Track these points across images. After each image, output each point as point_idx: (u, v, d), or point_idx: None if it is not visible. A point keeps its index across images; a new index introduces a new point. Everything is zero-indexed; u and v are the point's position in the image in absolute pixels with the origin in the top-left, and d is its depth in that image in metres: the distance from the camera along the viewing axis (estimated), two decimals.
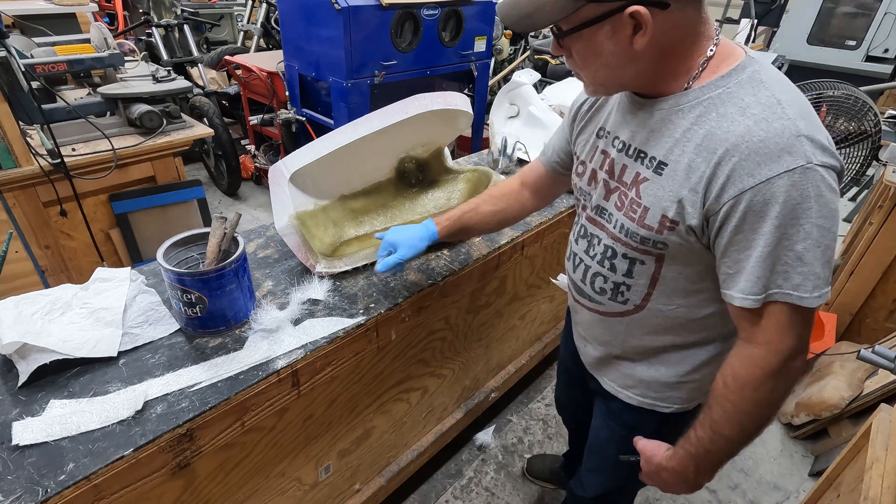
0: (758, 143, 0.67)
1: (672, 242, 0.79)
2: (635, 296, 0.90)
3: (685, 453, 0.85)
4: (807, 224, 0.67)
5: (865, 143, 1.94)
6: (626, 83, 0.79)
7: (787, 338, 0.72)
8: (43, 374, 0.88)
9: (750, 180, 0.68)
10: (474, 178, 1.47)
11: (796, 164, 0.66)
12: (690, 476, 0.86)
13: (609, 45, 0.71)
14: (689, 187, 0.74)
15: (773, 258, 0.69)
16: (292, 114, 3.10)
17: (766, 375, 0.74)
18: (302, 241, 1.17)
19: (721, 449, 0.81)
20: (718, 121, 0.71)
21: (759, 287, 0.71)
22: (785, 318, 0.72)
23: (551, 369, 2.32)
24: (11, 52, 1.59)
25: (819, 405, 1.94)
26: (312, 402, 1.11)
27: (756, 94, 0.70)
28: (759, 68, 0.73)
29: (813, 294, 0.70)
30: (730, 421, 0.78)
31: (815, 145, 0.67)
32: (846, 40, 5.42)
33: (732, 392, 0.77)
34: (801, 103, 0.71)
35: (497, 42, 4.51)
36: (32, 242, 1.82)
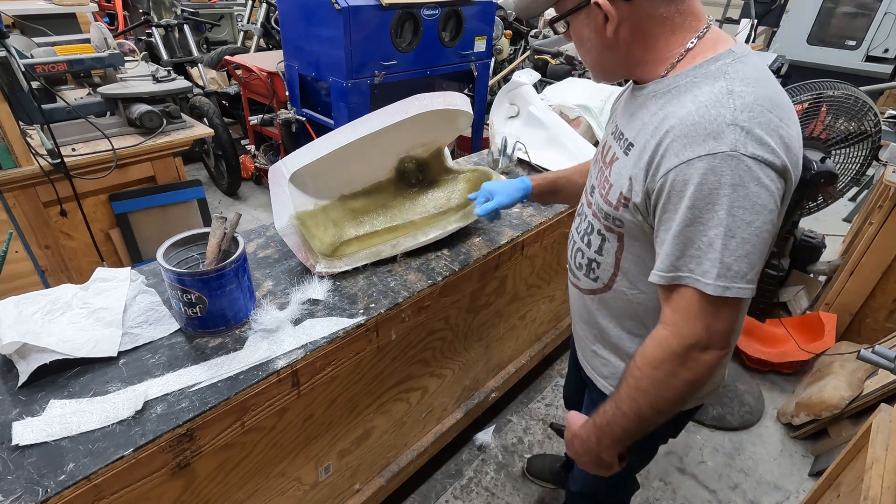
0: (689, 125, 0.70)
1: (626, 220, 0.83)
2: (604, 274, 0.94)
3: (592, 423, 0.88)
4: (720, 211, 0.67)
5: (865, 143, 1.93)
6: (609, 69, 0.85)
7: (693, 324, 0.72)
8: (43, 374, 0.88)
9: (675, 160, 0.70)
10: (474, 178, 1.47)
11: (718, 150, 0.67)
12: (593, 446, 0.88)
13: (587, 33, 0.80)
14: (639, 166, 0.77)
15: (686, 239, 0.71)
16: (292, 114, 3.10)
17: (666, 357, 0.75)
18: (302, 241, 1.17)
19: (619, 424, 0.82)
20: (676, 107, 0.74)
21: (668, 265, 0.73)
22: (692, 303, 0.72)
23: (551, 369, 2.32)
24: (11, 52, 1.59)
25: (819, 405, 1.94)
26: (312, 402, 1.11)
27: (714, 84, 0.72)
28: (731, 61, 0.73)
29: (716, 282, 0.69)
30: (629, 397, 0.80)
31: (750, 137, 0.67)
32: (846, 40, 5.42)
33: (637, 368, 0.79)
34: (761, 97, 0.70)
35: (497, 42, 4.51)
36: (32, 242, 1.82)
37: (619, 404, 0.82)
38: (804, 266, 2.50)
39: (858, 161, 1.99)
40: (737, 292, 0.70)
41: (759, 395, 2.20)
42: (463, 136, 3.67)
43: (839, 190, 2.08)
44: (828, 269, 2.43)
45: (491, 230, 1.46)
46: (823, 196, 2.09)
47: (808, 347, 2.23)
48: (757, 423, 2.11)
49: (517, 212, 1.58)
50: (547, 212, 1.59)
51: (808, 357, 2.23)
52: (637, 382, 0.79)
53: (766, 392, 2.25)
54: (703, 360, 0.74)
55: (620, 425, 0.83)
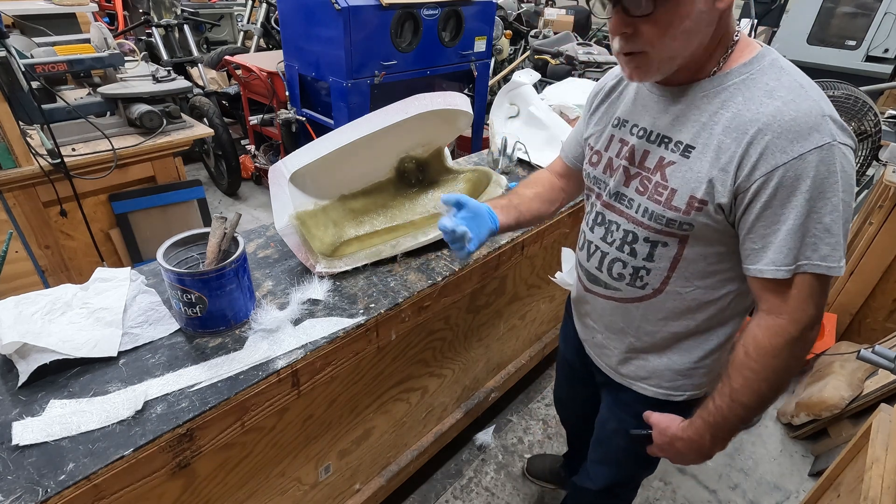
0: (789, 121, 0.72)
1: (698, 223, 0.82)
2: (654, 279, 0.93)
3: (703, 422, 0.88)
4: (833, 197, 0.72)
5: (865, 143, 1.94)
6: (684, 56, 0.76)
7: (809, 307, 0.77)
8: (43, 374, 0.88)
9: (783, 156, 0.72)
10: (474, 178, 1.47)
11: (824, 141, 0.71)
12: (706, 444, 0.89)
13: (700, 5, 0.71)
14: (719, 167, 0.78)
15: (804, 230, 0.74)
16: (292, 114, 3.10)
17: (786, 343, 0.78)
18: (302, 241, 1.17)
19: (738, 416, 0.84)
20: (745, 104, 0.76)
21: (791, 258, 0.75)
22: (810, 288, 0.76)
23: (551, 369, 2.32)
24: (11, 52, 1.59)
25: (819, 405, 1.93)
26: (312, 402, 1.11)
27: (779, 78, 0.76)
28: (777, 57, 0.78)
29: (840, 263, 0.74)
30: (749, 388, 0.82)
31: (837, 125, 0.72)
32: (846, 40, 5.42)
33: (754, 360, 0.80)
34: (818, 88, 0.77)
35: (497, 42, 4.51)
36: (32, 242, 1.82)
37: (737, 397, 0.83)
38: None
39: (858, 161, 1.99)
40: (843, 266, 0.75)
41: None
42: (463, 136, 3.67)
43: None
44: None
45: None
46: None
47: None
48: (757, 423, 2.11)
49: None
50: None
51: (808, 357, 2.23)
52: (757, 374, 0.80)
53: None
54: (811, 336, 0.79)
55: (740, 416, 0.84)
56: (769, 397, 0.83)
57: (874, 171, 3.02)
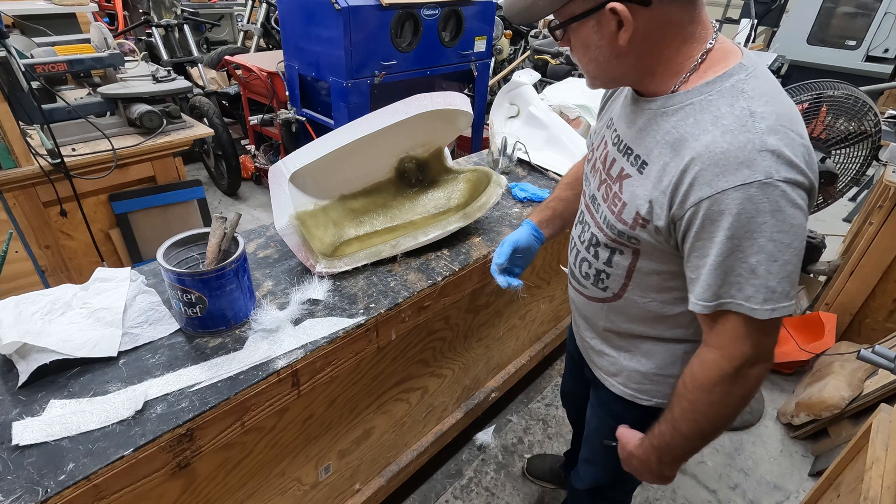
0: (719, 154, 0.68)
1: (643, 239, 0.82)
2: (614, 284, 0.93)
3: (649, 444, 0.89)
4: (761, 238, 0.67)
5: (865, 143, 1.93)
6: (616, 78, 0.81)
7: (741, 345, 0.74)
8: (43, 374, 0.88)
9: (707, 189, 0.69)
10: (474, 178, 1.47)
11: (754, 179, 0.66)
12: (654, 467, 0.89)
13: (595, 40, 0.74)
14: (660, 189, 0.76)
15: (726, 268, 0.71)
16: (292, 114, 3.10)
17: (720, 378, 0.76)
18: (302, 241, 1.17)
19: (679, 445, 0.84)
20: (693, 127, 0.72)
21: (710, 294, 0.73)
22: (738, 326, 0.73)
23: (551, 369, 2.32)
24: (11, 52, 1.59)
25: (819, 405, 1.93)
26: (312, 402, 1.11)
27: (733, 104, 0.70)
28: (745, 77, 0.72)
29: (763, 307, 0.70)
30: (686, 419, 0.81)
31: (781, 161, 0.66)
32: (846, 40, 5.42)
33: (690, 392, 0.80)
34: (781, 116, 0.69)
35: (497, 42, 4.51)
36: (32, 242, 1.82)
37: (677, 426, 0.82)
38: (804, 266, 2.50)
39: (858, 161, 1.98)
40: (782, 311, 0.71)
41: (759, 395, 2.20)
42: (463, 136, 3.67)
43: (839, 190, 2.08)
44: (828, 269, 2.43)
45: (491, 230, 1.46)
46: (823, 196, 2.09)
47: (808, 347, 2.23)
48: (757, 423, 2.11)
49: (517, 212, 1.58)
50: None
51: (808, 357, 2.23)
52: (693, 405, 0.80)
53: (766, 392, 2.25)
54: (753, 374, 0.76)
55: (680, 446, 0.84)
56: (707, 431, 0.81)
57: (874, 171, 3.03)
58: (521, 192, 1.65)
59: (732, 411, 0.79)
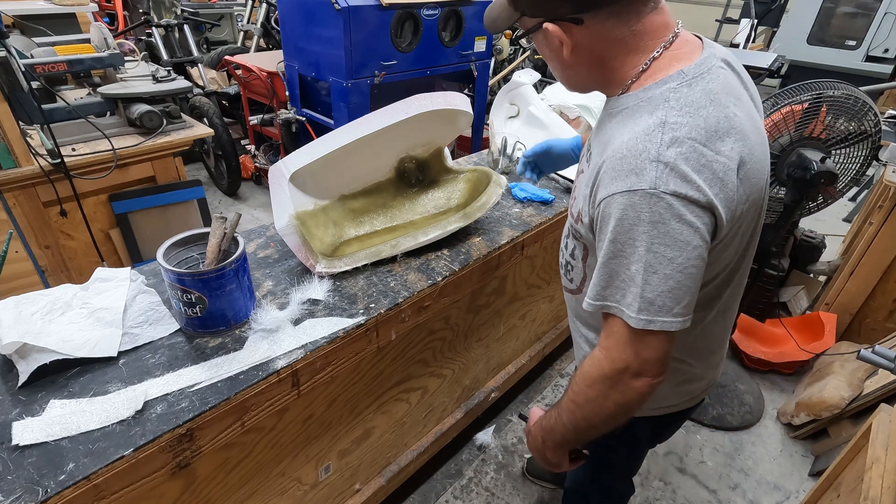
0: (618, 158, 0.70)
1: (583, 234, 0.85)
2: (576, 277, 0.97)
3: (540, 424, 0.92)
4: (640, 248, 0.68)
5: (865, 143, 1.93)
6: (577, 84, 0.85)
7: (622, 351, 0.73)
8: (43, 374, 0.88)
9: (604, 191, 0.72)
10: (474, 178, 1.47)
11: (638, 187, 0.67)
12: (539, 444, 0.92)
13: (547, 52, 0.81)
14: (589, 187, 0.78)
15: (611, 271, 0.72)
16: (292, 114, 3.10)
17: (600, 378, 0.76)
18: (302, 241, 1.17)
19: (559, 431, 0.86)
20: (615, 131, 0.75)
21: (595, 294, 0.75)
22: (621, 332, 0.73)
23: (551, 369, 2.32)
24: (11, 52, 1.59)
25: (819, 405, 1.94)
26: (312, 402, 1.11)
27: (653, 112, 0.70)
28: (676, 86, 0.71)
29: (638, 315, 0.70)
30: (567, 408, 0.83)
31: (673, 174, 0.65)
32: (846, 40, 5.43)
33: (575, 383, 0.82)
34: (695, 129, 0.67)
35: (497, 42, 4.51)
36: (32, 242, 1.82)
37: (560, 412, 0.85)
38: (804, 266, 2.50)
39: (858, 161, 1.98)
40: (661, 325, 0.70)
41: (759, 395, 2.20)
42: (463, 136, 3.67)
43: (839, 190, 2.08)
44: (828, 269, 2.43)
45: (491, 230, 1.46)
46: (823, 196, 2.09)
47: (808, 347, 2.23)
48: (757, 423, 2.11)
49: (517, 212, 1.58)
50: (547, 212, 1.59)
51: (808, 357, 2.23)
52: (574, 396, 0.81)
53: (766, 392, 2.25)
54: (634, 385, 0.74)
55: (560, 432, 0.86)
56: (582, 426, 0.82)
57: (874, 171, 3.03)
58: (521, 192, 1.65)
59: (607, 414, 0.78)
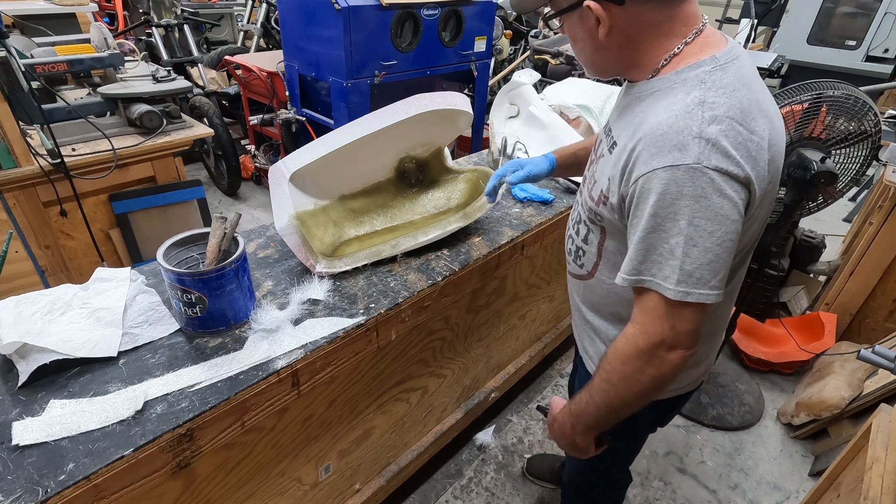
0: (658, 135, 0.72)
1: (605, 216, 0.87)
2: (588, 262, 0.98)
3: (568, 409, 0.92)
4: (682, 221, 0.70)
5: (865, 143, 1.93)
6: (603, 69, 0.87)
7: (658, 325, 0.75)
8: (43, 374, 0.88)
9: (643, 167, 0.73)
10: (474, 178, 1.47)
11: (682, 162, 0.69)
12: (568, 431, 0.92)
13: (580, 33, 0.81)
14: (618, 168, 0.80)
15: (648, 245, 0.74)
16: (292, 114, 3.10)
17: (634, 353, 0.78)
18: (302, 241, 1.17)
19: (591, 413, 0.87)
20: (649, 111, 0.77)
21: (631, 269, 0.77)
22: (657, 305, 0.75)
23: (551, 369, 2.32)
24: (11, 52, 1.59)
25: (819, 405, 1.94)
26: (312, 402, 1.11)
27: (689, 92, 0.73)
28: (710, 69, 0.74)
29: (677, 288, 0.72)
30: (600, 389, 0.84)
31: (715, 150, 0.68)
32: (846, 40, 5.43)
33: (608, 362, 0.82)
34: (732, 108, 0.71)
35: (497, 42, 4.51)
36: (32, 242, 1.82)
37: (592, 394, 0.86)
38: (804, 266, 2.50)
39: (858, 161, 1.98)
40: (698, 297, 0.72)
41: (759, 395, 2.20)
42: (463, 136, 3.67)
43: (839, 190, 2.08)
44: (828, 269, 2.43)
45: (491, 230, 1.46)
46: (823, 196, 2.09)
47: (808, 347, 2.23)
48: (757, 423, 2.11)
49: (517, 212, 1.58)
50: (547, 212, 1.59)
51: (808, 357, 2.23)
52: (608, 375, 0.82)
53: (766, 392, 2.25)
54: (669, 358, 0.76)
55: (592, 414, 0.87)
56: (616, 405, 0.83)
57: (874, 171, 3.03)
58: (521, 192, 1.65)
59: (642, 390, 0.80)
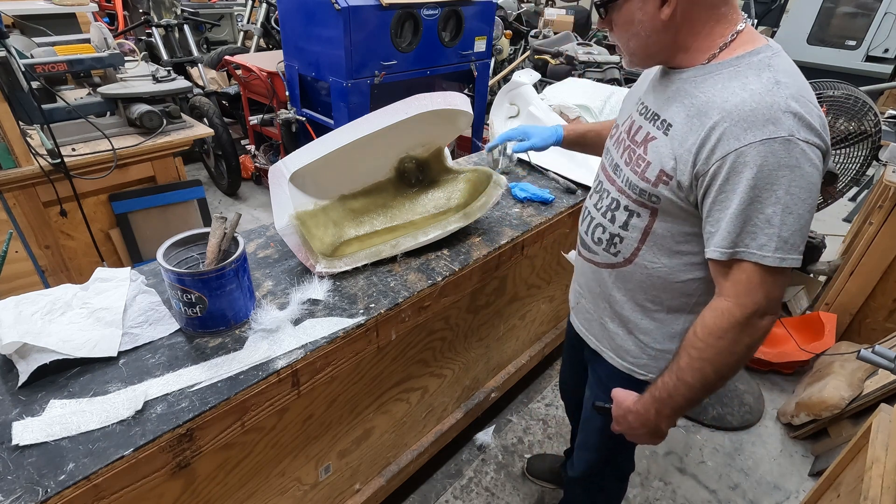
0: (748, 111, 0.75)
1: (664, 196, 0.87)
2: (626, 248, 0.98)
3: (650, 396, 0.92)
4: (779, 190, 0.74)
5: (865, 143, 1.93)
6: (653, 54, 0.88)
7: (753, 294, 0.78)
8: (43, 374, 0.88)
9: (735, 143, 0.75)
10: (474, 178, 1.47)
11: (777, 135, 0.72)
12: (652, 419, 0.92)
13: (639, 15, 0.82)
14: (685, 147, 0.82)
15: (744, 217, 0.76)
16: (292, 114, 3.10)
17: (730, 326, 0.80)
18: (302, 241, 1.17)
19: (681, 394, 0.87)
20: (722, 92, 0.79)
21: (728, 242, 0.79)
22: (751, 275, 0.78)
23: (551, 369, 2.32)
24: (11, 52, 1.59)
25: (819, 405, 1.94)
26: (312, 402, 1.11)
27: (760, 74, 0.77)
28: (771, 55, 0.79)
29: (775, 254, 0.76)
30: (692, 368, 0.85)
31: (802, 123, 0.73)
32: (846, 40, 5.43)
33: (700, 339, 0.84)
34: (802, 88, 0.76)
35: (497, 42, 4.51)
36: (32, 242, 1.82)
37: (682, 375, 0.86)
38: (804, 266, 2.50)
39: (858, 161, 1.99)
40: (791, 262, 0.76)
41: (759, 395, 2.20)
42: (463, 136, 3.67)
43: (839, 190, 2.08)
44: (828, 269, 2.43)
45: (491, 230, 1.46)
46: (823, 196, 2.09)
47: (808, 347, 2.23)
48: (757, 423, 2.11)
49: (517, 212, 1.58)
50: (547, 212, 1.59)
51: (808, 357, 2.23)
52: (700, 353, 0.83)
53: (766, 392, 2.25)
54: (762, 325, 0.80)
55: (683, 395, 0.87)
56: (712, 380, 0.85)
57: (874, 171, 3.03)
58: (521, 192, 1.65)
59: (737, 360, 0.83)
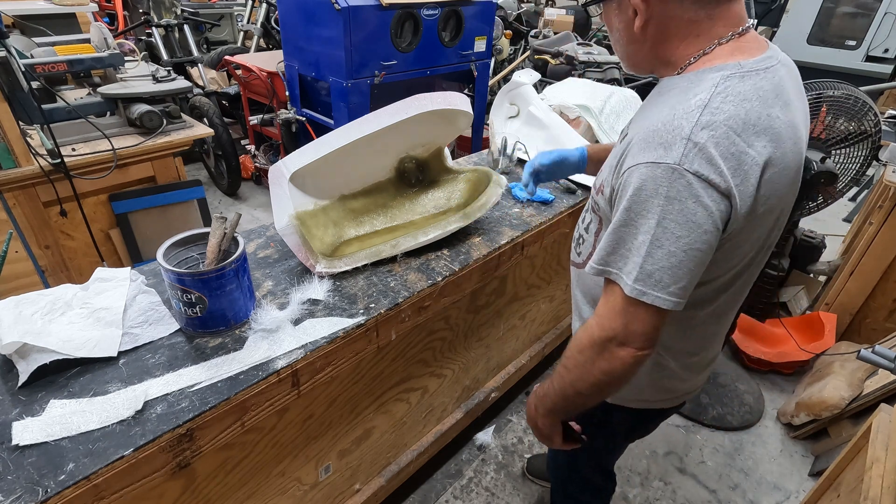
0: (651, 131, 0.71)
1: (601, 206, 0.87)
2: (585, 250, 0.99)
3: (535, 391, 0.96)
4: (652, 220, 0.69)
5: (865, 143, 1.93)
6: (637, 63, 0.86)
7: (614, 319, 0.76)
8: (43, 374, 0.88)
9: (630, 161, 0.73)
10: (474, 178, 1.47)
11: (663, 161, 0.68)
12: (532, 413, 0.96)
13: (617, 23, 0.82)
14: (616, 159, 0.80)
15: (618, 238, 0.74)
16: (292, 114, 3.10)
17: (589, 343, 0.79)
18: (302, 241, 1.17)
19: (550, 397, 0.90)
20: (660, 108, 0.75)
21: (599, 258, 0.78)
22: (617, 300, 0.75)
23: (551, 369, 2.32)
24: (11, 52, 1.59)
25: (819, 405, 1.94)
26: (312, 402, 1.11)
27: (699, 93, 0.70)
28: (729, 74, 0.71)
29: (634, 284, 0.71)
30: (559, 373, 0.87)
31: (700, 155, 0.66)
32: (846, 40, 5.43)
33: (569, 348, 0.85)
34: (735, 118, 0.68)
35: (497, 42, 4.51)
36: (32, 242, 1.82)
37: (554, 377, 0.89)
38: (804, 266, 2.50)
39: (858, 161, 1.98)
40: (653, 300, 0.71)
41: (759, 395, 2.20)
42: (463, 136, 3.67)
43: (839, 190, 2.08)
44: (828, 269, 2.43)
45: (491, 230, 1.46)
46: (823, 196, 2.09)
47: (808, 347, 2.23)
48: (757, 423, 2.11)
49: (517, 212, 1.58)
50: (547, 212, 1.59)
51: (808, 357, 2.23)
52: (566, 361, 0.85)
53: (766, 392, 2.25)
54: (619, 355, 0.76)
55: (551, 397, 0.90)
56: (569, 392, 0.85)
57: (874, 171, 3.02)
58: (521, 192, 1.65)
59: (593, 381, 0.80)
